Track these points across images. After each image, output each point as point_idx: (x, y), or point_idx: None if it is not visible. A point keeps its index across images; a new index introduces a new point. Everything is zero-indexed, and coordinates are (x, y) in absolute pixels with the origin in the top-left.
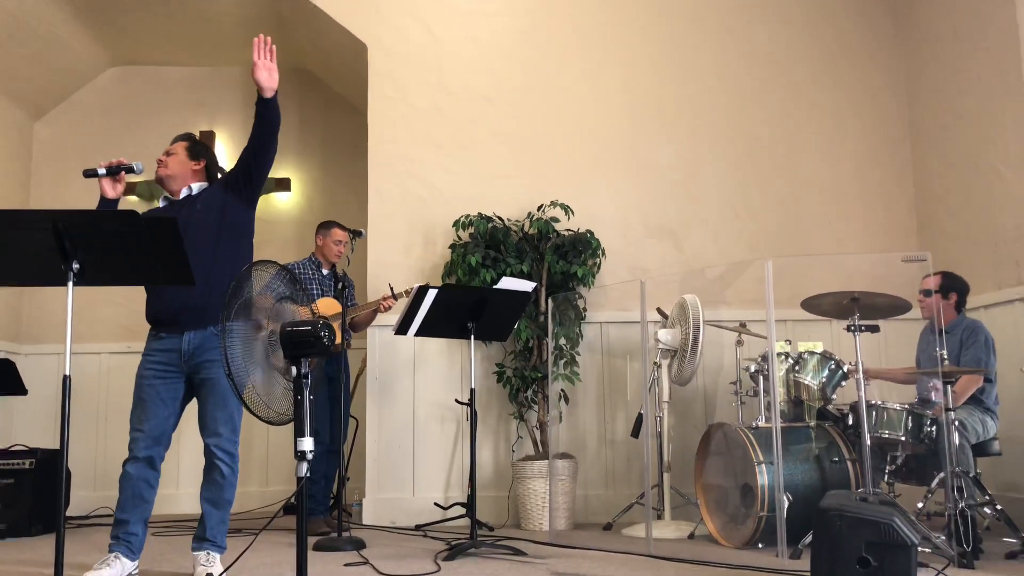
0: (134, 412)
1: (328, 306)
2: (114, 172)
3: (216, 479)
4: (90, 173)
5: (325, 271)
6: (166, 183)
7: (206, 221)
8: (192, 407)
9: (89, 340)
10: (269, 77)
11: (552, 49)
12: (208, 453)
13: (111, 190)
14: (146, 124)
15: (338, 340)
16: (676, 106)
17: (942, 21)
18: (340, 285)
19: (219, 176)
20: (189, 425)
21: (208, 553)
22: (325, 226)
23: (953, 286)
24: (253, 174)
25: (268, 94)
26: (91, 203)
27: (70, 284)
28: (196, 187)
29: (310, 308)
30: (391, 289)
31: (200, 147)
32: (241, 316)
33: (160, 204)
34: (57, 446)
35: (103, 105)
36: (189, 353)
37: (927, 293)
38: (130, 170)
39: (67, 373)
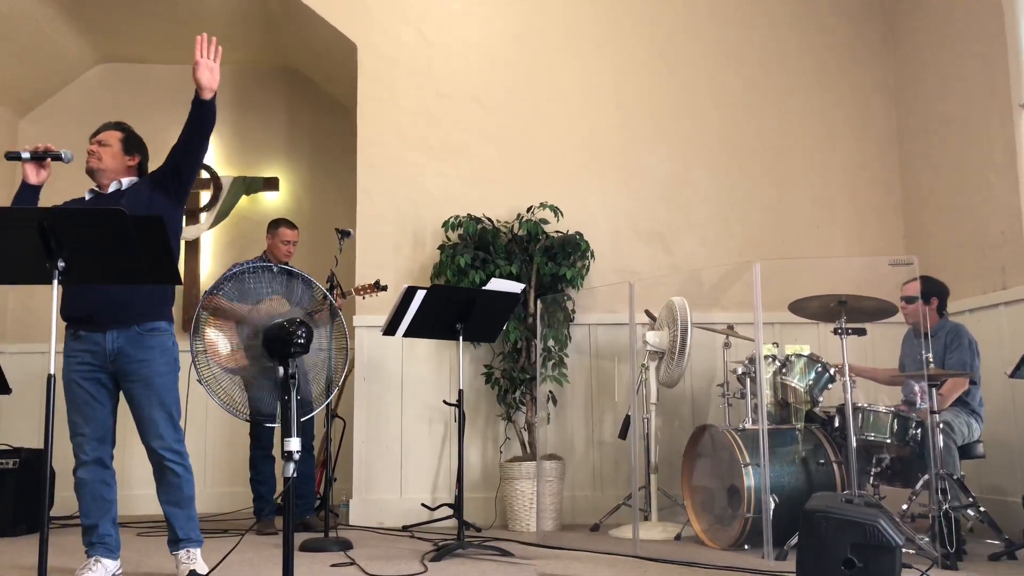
0: (71, 417)
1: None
2: (39, 157)
3: (171, 481)
4: (12, 156)
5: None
6: (96, 176)
7: None
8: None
9: None
10: (211, 78)
11: (543, 53)
12: (156, 457)
13: (34, 176)
14: (133, 122)
15: None
16: (667, 110)
17: (931, 28)
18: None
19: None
20: None
21: (188, 550)
22: (274, 225)
23: (933, 290)
24: (183, 172)
25: (207, 95)
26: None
27: (55, 283)
28: (126, 182)
29: (252, 306)
30: (339, 286)
31: (135, 141)
32: (212, 325)
33: (86, 196)
34: (41, 446)
35: (89, 102)
36: (114, 354)
37: (910, 300)
38: (57, 157)
39: (52, 372)
